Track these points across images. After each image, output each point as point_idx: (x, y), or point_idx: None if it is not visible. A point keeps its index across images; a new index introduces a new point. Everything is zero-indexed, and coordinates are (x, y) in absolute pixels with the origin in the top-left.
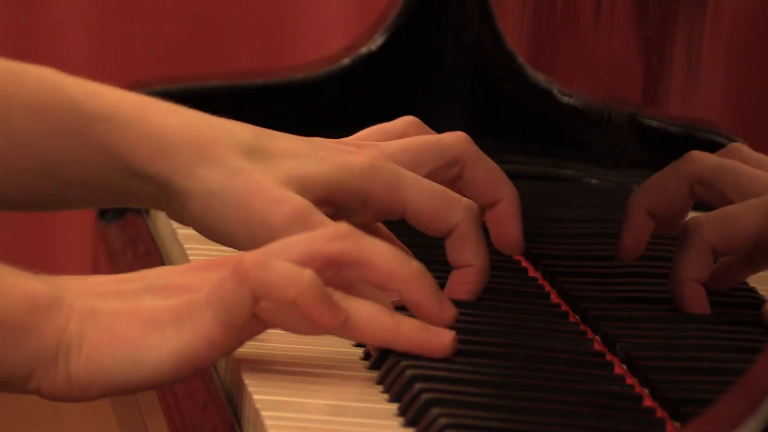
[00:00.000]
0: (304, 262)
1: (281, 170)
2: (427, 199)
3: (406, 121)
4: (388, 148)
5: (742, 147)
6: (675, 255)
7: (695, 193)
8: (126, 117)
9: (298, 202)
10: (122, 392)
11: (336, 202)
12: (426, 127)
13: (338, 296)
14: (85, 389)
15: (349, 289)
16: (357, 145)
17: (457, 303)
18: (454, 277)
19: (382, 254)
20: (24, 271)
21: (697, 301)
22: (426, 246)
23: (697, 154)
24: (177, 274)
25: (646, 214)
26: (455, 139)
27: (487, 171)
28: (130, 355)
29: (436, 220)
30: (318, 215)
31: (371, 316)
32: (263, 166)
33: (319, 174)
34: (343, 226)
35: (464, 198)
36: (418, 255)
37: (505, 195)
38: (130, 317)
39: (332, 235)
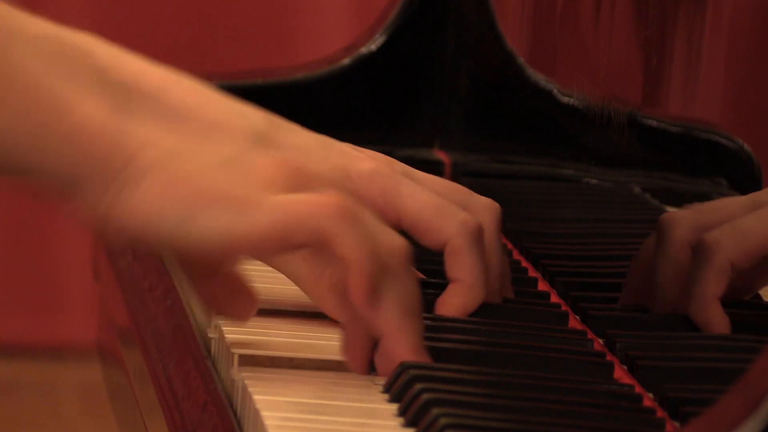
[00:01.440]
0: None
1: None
2: (421, 210)
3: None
4: (416, 174)
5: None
6: (693, 273)
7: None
8: (145, 90)
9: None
10: (151, 248)
11: None
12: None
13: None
14: (122, 227)
15: None
16: (387, 160)
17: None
18: (446, 291)
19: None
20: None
21: (721, 321)
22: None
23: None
24: (258, 159)
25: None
26: (486, 203)
27: (489, 247)
28: (181, 220)
29: (429, 232)
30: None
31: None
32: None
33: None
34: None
35: (463, 213)
36: (424, 260)
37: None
38: (195, 183)
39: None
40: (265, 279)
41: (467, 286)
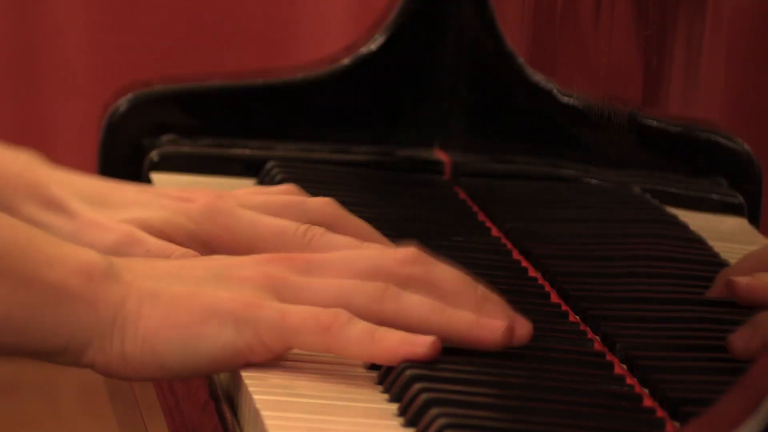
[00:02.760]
0: (370, 275)
1: (120, 216)
2: (268, 236)
3: (285, 188)
4: (247, 199)
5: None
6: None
7: None
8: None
9: (124, 228)
10: (175, 376)
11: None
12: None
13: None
14: (139, 369)
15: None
16: (216, 195)
17: None
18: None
19: (450, 278)
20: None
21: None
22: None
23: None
24: (240, 265)
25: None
26: (320, 202)
27: (354, 232)
28: (187, 341)
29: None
30: (144, 235)
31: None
32: (102, 213)
33: (156, 218)
34: (413, 251)
35: (303, 226)
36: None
37: None
38: (189, 302)
39: (403, 258)
40: None
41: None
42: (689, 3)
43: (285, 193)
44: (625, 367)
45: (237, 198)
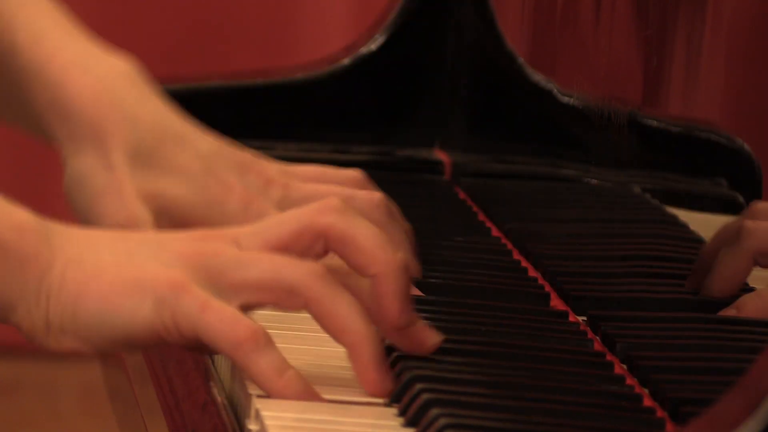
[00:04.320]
0: (295, 237)
1: (152, 186)
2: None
3: (352, 174)
4: (299, 192)
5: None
6: (721, 254)
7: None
8: (47, 80)
9: (135, 215)
10: (93, 349)
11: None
12: (369, 184)
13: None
14: (59, 337)
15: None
16: (266, 181)
17: (456, 303)
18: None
19: (369, 236)
20: (16, 204)
21: (722, 292)
22: (427, 245)
23: (752, 227)
24: (174, 239)
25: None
26: (369, 200)
27: (395, 237)
28: (105, 312)
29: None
30: (148, 228)
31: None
32: (140, 173)
33: (187, 203)
34: (335, 200)
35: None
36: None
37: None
38: (114, 273)
39: (322, 208)
40: None
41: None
42: (689, 3)
43: (350, 180)
44: (625, 367)
45: (288, 188)
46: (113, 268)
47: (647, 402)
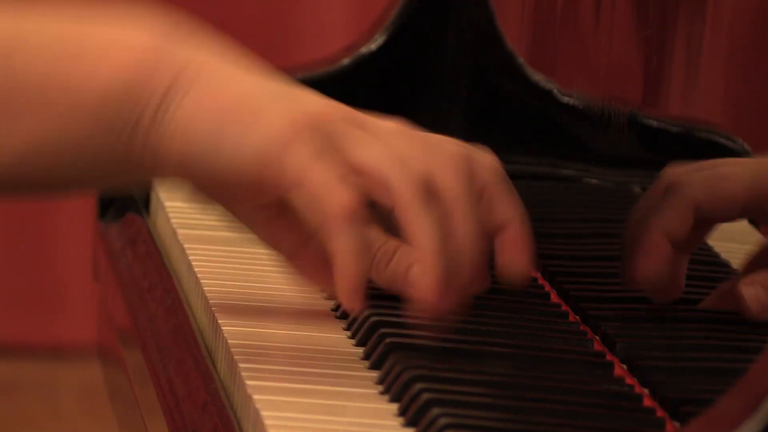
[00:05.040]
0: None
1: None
2: (452, 162)
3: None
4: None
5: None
6: (657, 206)
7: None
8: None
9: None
10: (189, 176)
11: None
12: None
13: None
14: (166, 152)
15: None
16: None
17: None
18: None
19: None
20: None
21: (655, 251)
22: None
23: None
24: (310, 101)
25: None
26: (488, 166)
27: (506, 206)
28: (217, 130)
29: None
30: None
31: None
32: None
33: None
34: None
35: (484, 155)
36: None
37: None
38: (240, 91)
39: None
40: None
41: (519, 221)
42: (689, 3)
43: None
44: (625, 367)
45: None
46: (239, 87)
47: (647, 402)
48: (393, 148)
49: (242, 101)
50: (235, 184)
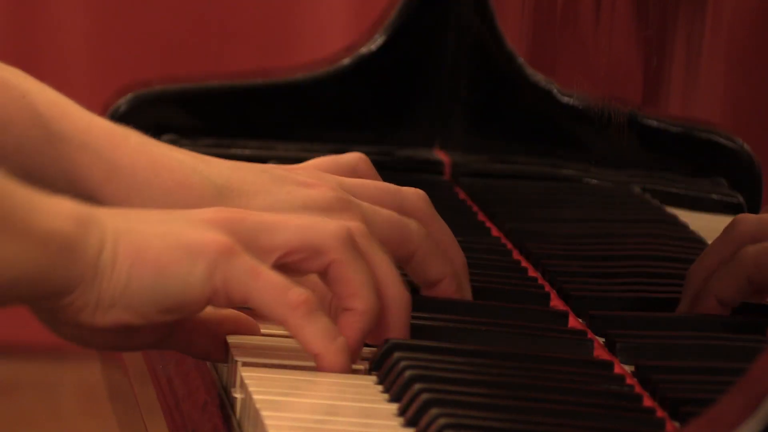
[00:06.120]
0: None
1: (253, 208)
2: (389, 229)
3: (356, 156)
4: (345, 183)
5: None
6: (717, 272)
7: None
8: (96, 148)
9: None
10: (142, 320)
11: None
12: (372, 167)
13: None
14: (107, 312)
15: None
16: (317, 177)
17: (458, 303)
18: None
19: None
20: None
21: (704, 309)
22: None
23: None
24: (204, 212)
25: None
26: (415, 196)
27: (440, 234)
28: (158, 278)
29: (400, 247)
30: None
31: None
32: (235, 205)
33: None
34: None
35: (413, 221)
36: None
37: (447, 274)
38: (165, 240)
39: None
40: None
41: (452, 275)
42: (689, 3)
43: (358, 161)
44: (625, 367)
45: (337, 181)
46: (163, 236)
47: (647, 402)
48: (301, 218)
49: (169, 247)
50: (187, 311)
